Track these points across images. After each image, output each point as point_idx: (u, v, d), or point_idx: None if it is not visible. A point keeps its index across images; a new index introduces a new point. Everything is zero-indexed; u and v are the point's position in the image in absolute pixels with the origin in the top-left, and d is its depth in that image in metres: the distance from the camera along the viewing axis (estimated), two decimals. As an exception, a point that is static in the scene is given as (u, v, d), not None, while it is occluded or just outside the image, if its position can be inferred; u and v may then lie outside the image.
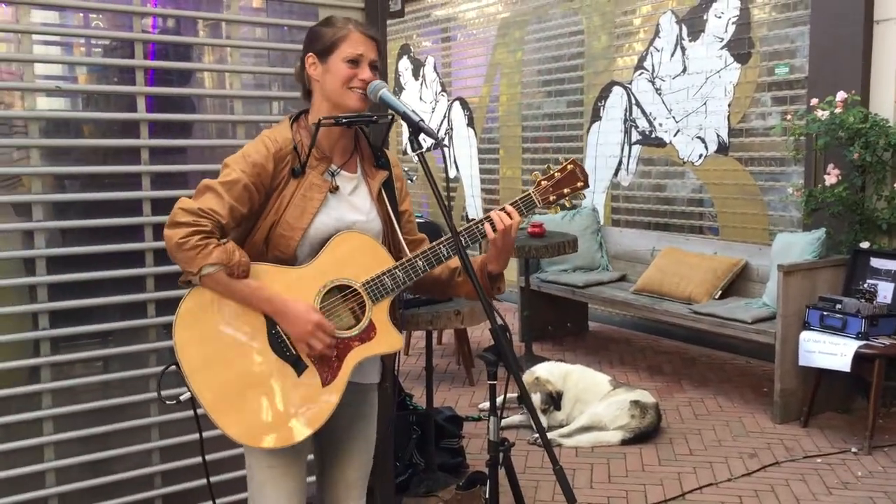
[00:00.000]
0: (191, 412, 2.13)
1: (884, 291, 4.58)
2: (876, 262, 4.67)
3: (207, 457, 2.27)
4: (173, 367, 2.03)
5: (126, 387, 2.79)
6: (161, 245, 2.73)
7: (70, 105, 2.87)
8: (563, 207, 2.23)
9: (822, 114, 4.74)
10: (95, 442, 2.74)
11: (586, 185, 2.21)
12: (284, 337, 2.03)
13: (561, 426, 4.58)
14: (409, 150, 2.26)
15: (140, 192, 2.76)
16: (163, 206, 2.73)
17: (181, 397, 2.08)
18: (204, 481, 2.33)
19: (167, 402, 2.11)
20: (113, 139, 2.79)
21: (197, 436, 2.21)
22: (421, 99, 9.33)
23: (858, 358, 4.29)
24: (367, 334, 2.08)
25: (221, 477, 2.83)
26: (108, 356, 2.81)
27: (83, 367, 2.77)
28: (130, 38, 2.74)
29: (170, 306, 2.76)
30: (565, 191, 2.19)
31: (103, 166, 2.77)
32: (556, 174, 2.19)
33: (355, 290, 2.08)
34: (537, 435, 1.95)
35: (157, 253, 2.77)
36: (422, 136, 2.05)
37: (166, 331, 2.83)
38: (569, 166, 2.20)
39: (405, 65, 9.59)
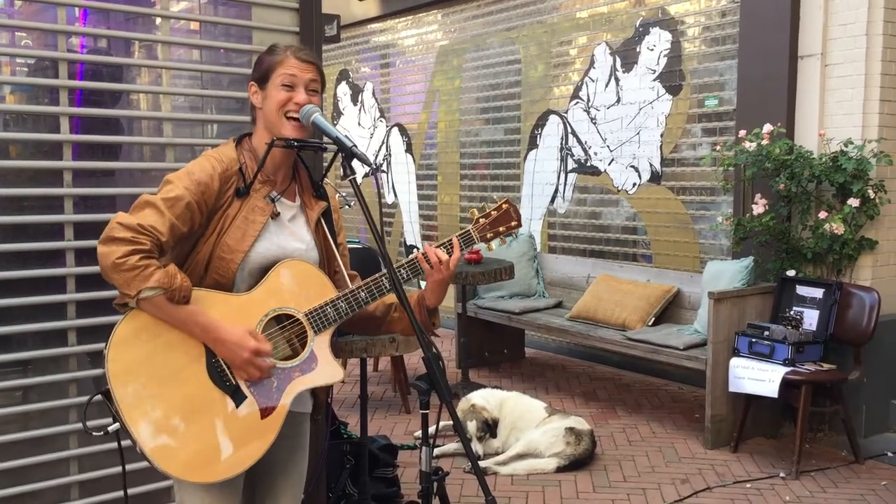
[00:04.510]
0: (113, 444, 2.05)
1: (809, 319, 4.70)
2: (802, 290, 4.79)
3: (128, 491, 2.19)
4: (99, 395, 1.95)
5: (45, 418, 2.68)
6: (83, 271, 2.66)
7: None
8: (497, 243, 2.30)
9: (750, 145, 4.87)
10: (11, 475, 2.62)
11: (519, 225, 2.27)
12: (224, 366, 1.97)
13: (497, 453, 4.57)
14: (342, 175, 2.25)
15: (62, 215, 2.67)
16: (86, 230, 2.64)
17: (109, 428, 1.99)
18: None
19: (93, 434, 2.02)
20: (34, 161, 2.70)
21: (117, 469, 2.13)
22: (360, 124, 9.31)
23: (785, 384, 4.39)
24: (309, 365, 2.04)
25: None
26: (27, 386, 2.70)
27: (2, 397, 2.65)
28: (53, 57, 2.66)
29: (92, 334, 2.67)
30: (501, 229, 2.26)
31: (21, 188, 2.67)
32: (492, 212, 2.25)
33: (295, 319, 2.04)
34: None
35: (80, 279, 2.68)
36: (354, 162, 2.03)
37: (89, 359, 2.74)
38: (504, 205, 2.26)
39: (344, 90, 9.57)
